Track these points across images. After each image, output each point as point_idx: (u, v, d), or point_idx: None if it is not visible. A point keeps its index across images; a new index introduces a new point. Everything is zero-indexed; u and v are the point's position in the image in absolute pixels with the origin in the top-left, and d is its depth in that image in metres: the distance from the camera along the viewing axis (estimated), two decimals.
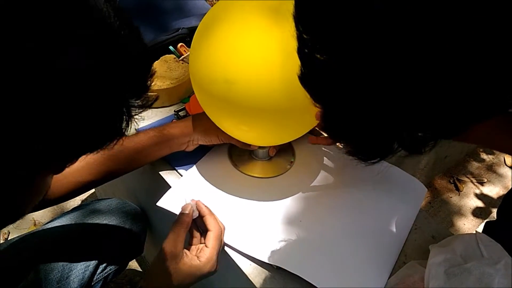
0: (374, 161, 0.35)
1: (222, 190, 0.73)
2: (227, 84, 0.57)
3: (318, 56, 0.29)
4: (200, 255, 0.61)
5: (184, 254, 0.60)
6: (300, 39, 0.31)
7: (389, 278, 0.62)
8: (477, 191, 1.57)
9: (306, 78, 0.32)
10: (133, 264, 1.31)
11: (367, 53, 0.27)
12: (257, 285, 0.62)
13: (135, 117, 0.38)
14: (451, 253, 0.58)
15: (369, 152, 0.35)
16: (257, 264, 0.64)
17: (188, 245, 0.64)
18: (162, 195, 0.71)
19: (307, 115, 0.62)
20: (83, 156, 0.70)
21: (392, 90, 0.28)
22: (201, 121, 0.71)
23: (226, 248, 0.66)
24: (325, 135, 0.80)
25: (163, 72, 0.87)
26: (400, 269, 0.62)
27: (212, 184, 0.74)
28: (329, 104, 0.33)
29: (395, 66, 0.27)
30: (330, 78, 0.30)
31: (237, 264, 0.64)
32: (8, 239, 1.34)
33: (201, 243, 0.64)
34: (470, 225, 1.47)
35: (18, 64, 0.28)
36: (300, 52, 0.32)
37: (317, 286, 0.59)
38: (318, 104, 0.34)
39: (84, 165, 0.66)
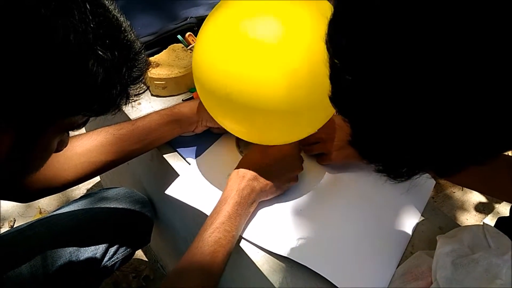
0: (403, 180, 0.36)
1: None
2: (225, 91, 0.57)
3: (347, 77, 0.32)
4: None
5: None
6: (331, 63, 0.34)
7: (396, 268, 0.63)
8: None
9: (335, 98, 0.35)
10: (138, 253, 1.31)
11: (391, 76, 0.29)
12: (264, 272, 0.62)
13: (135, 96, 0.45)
14: (458, 243, 0.59)
15: (397, 171, 0.36)
16: (265, 252, 0.64)
17: None
18: (170, 184, 0.72)
19: (311, 117, 0.62)
20: (95, 136, 0.72)
21: (415, 112, 0.30)
22: None
23: None
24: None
25: (171, 61, 0.87)
26: (407, 259, 0.63)
27: (220, 173, 0.74)
28: (357, 123, 0.35)
29: (417, 87, 0.29)
30: (356, 97, 0.33)
31: (245, 252, 0.65)
32: (14, 226, 1.35)
33: None
34: (473, 220, 1.47)
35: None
36: (331, 75, 0.35)
37: (326, 277, 0.60)
38: (347, 123, 0.36)
39: (96, 144, 0.67)
